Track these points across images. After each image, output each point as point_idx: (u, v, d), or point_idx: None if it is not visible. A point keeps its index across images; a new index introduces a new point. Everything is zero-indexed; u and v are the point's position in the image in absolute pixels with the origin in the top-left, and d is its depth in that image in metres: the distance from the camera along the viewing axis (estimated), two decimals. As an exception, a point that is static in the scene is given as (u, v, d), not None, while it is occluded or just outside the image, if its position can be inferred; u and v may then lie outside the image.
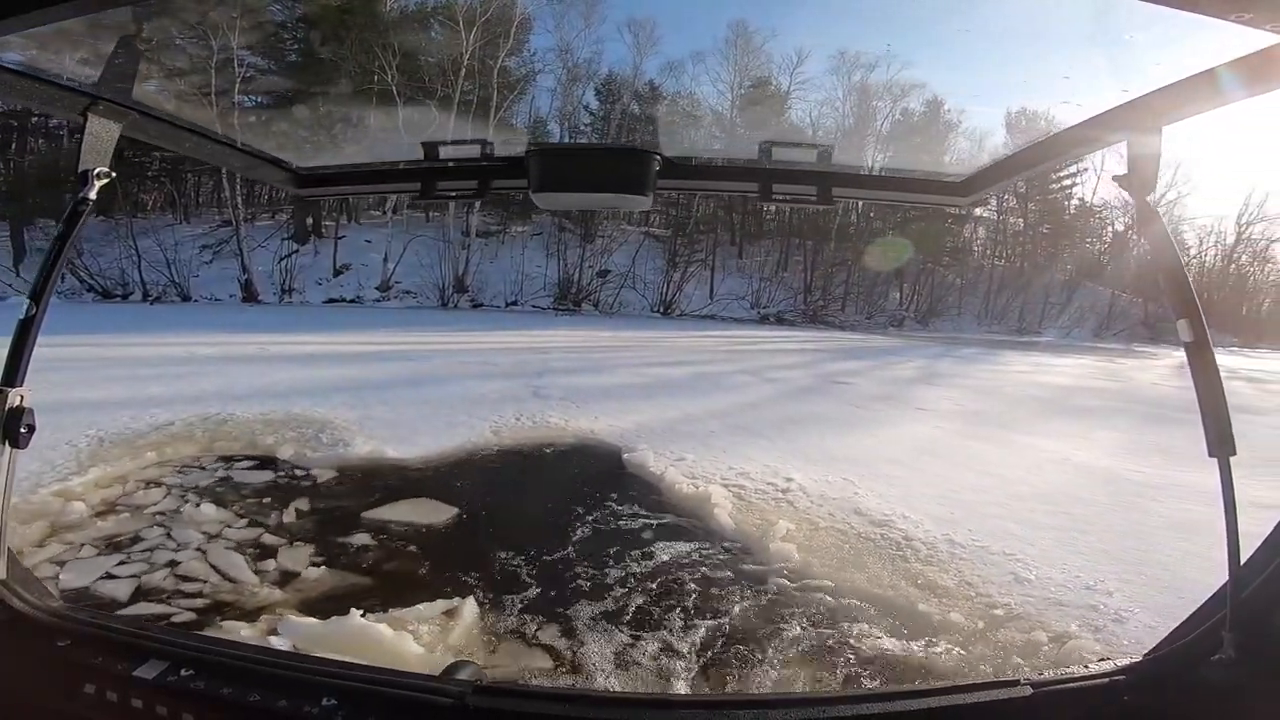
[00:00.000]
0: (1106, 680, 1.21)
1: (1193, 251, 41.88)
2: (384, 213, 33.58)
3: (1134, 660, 1.25)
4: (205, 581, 4.61)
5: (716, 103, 34.83)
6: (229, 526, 5.52)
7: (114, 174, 1.36)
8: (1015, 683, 1.19)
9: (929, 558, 5.22)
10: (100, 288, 26.39)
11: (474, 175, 1.66)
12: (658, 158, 1.52)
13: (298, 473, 6.87)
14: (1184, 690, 1.17)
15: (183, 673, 1.19)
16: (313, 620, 3.93)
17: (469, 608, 4.31)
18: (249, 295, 28.57)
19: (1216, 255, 41.91)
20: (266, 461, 7.11)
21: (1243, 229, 41.87)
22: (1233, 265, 42.43)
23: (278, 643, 3.60)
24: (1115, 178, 1.23)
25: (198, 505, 5.80)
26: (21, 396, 1.26)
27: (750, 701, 1.23)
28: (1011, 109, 34.87)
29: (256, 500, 6.13)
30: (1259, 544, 1.14)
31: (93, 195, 1.33)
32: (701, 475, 7.02)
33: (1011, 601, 4.60)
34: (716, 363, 16.85)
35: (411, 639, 3.87)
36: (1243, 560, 1.14)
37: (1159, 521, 6.40)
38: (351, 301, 30.23)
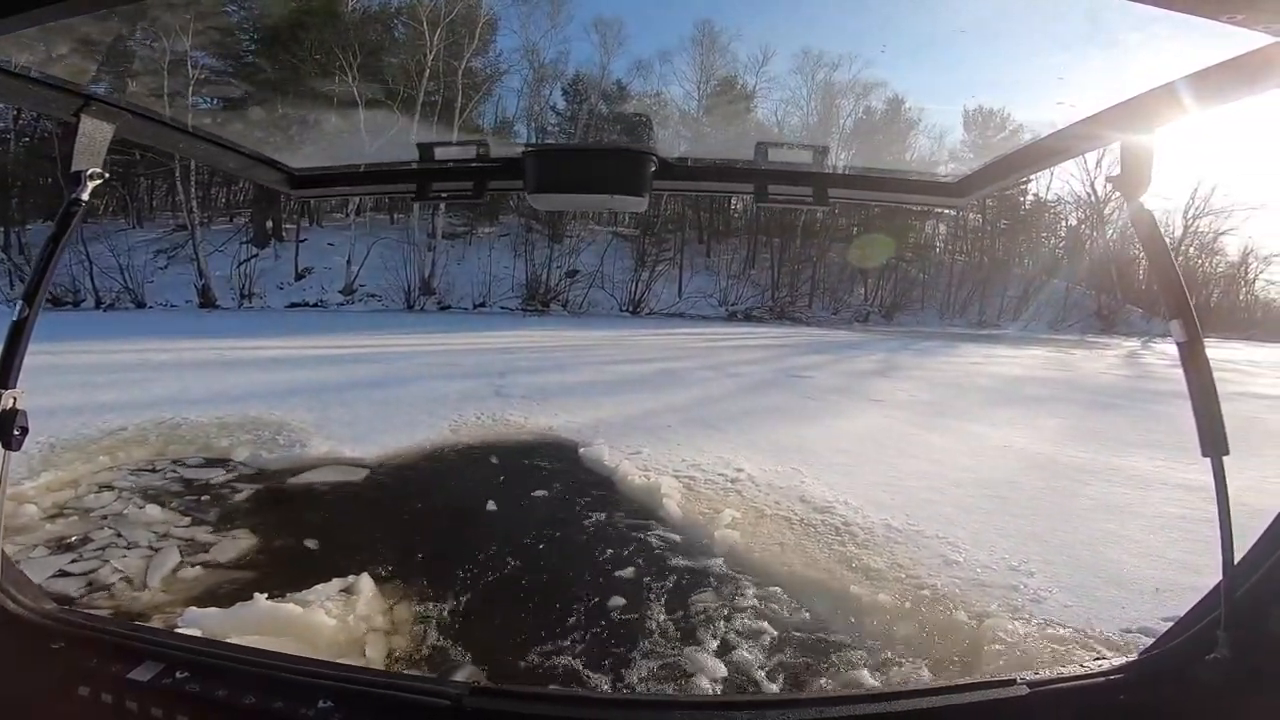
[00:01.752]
0: (1103, 679, 1.22)
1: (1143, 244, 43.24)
2: (346, 215, 33.07)
3: (1130, 659, 1.27)
4: (133, 580, 4.64)
5: (684, 102, 35.13)
6: (175, 525, 5.55)
7: (107, 174, 1.35)
8: (1012, 682, 1.20)
9: (865, 542, 5.46)
10: (50, 295, 25.61)
11: (470, 176, 1.65)
12: (654, 159, 1.52)
13: (250, 473, 6.90)
14: (1180, 688, 1.18)
15: (178, 675, 1.19)
16: (215, 610, 3.98)
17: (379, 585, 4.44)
18: (206, 301, 27.94)
19: (1167, 245, 43.34)
20: (220, 463, 7.11)
21: (1190, 222, 43.55)
22: (1180, 258, 43.99)
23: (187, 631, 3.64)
24: (1109, 178, 1.22)
25: (142, 507, 5.81)
26: (14, 399, 1.24)
27: (746, 703, 1.28)
28: (968, 107, 35.76)
29: (205, 500, 6.18)
30: (1253, 542, 1.15)
31: (85, 196, 1.31)
32: (654, 467, 7.21)
33: (938, 583, 4.83)
34: (680, 359, 17.06)
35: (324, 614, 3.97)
36: (1237, 559, 1.14)
37: (1088, 504, 6.71)
38: (314, 305, 29.75)
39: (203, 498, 6.22)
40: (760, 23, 35.02)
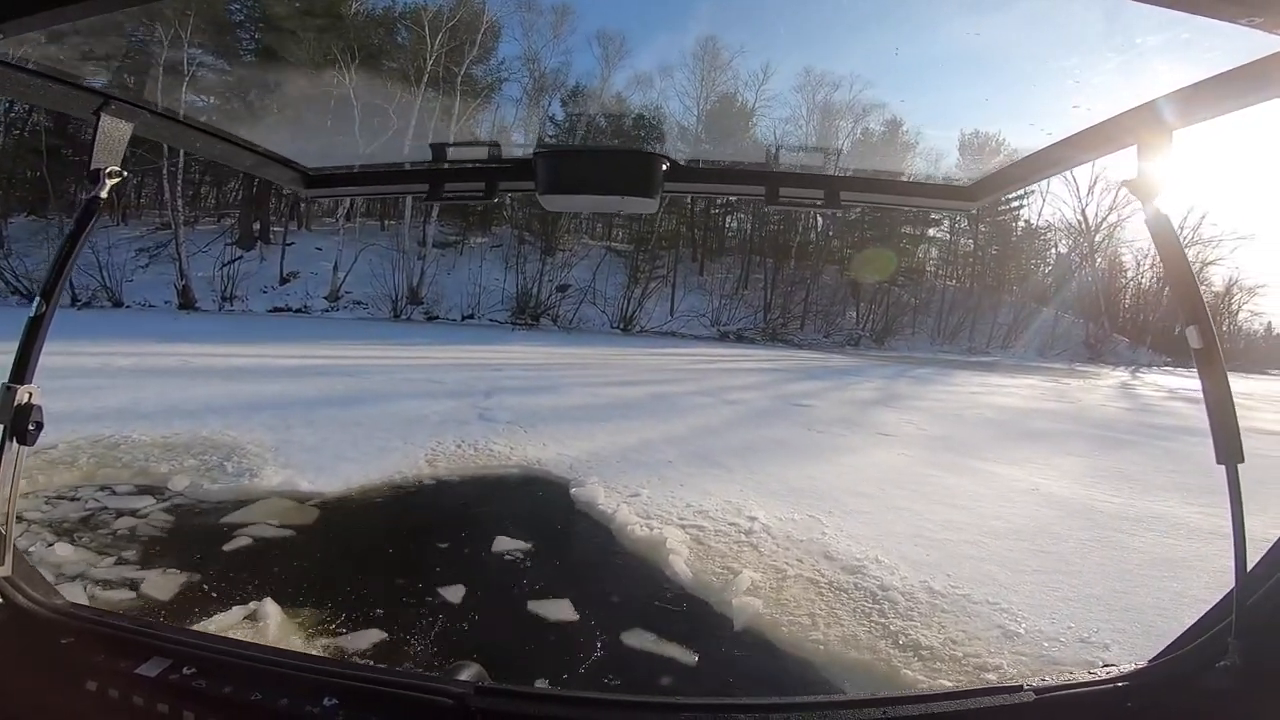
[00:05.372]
0: (1111, 686, 1.20)
1: (1129, 274, 43.78)
2: (336, 219, 32.37)
3: (1138, 666, 1.23)
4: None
5: (683, 117, 34.93)
6: (91, 566, 4.75)
7: (125, 173, 1.37)
8: (1019, 688, 1.17)
9: (908, 611, 4.66)
10: (25, 290, 24.56)
11: (481, 177, 1.65)
12: (665, 160, 1.52)
13: (186, 505, 6.04)
14: (1189, 697, 1.16)
15: (185, 671, 1.18)
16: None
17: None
18: (186, 302, 27.06)
19: (1153, 278, 43.79)
20: (153, 492, 6.23)
21: (1179, 254, 43.89)
22: (1167, 288, 44.11)
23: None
24: (1124, 182, 1.19)
25: (51, 544, 4.98)
26: (30, 394, 1.27)
27: (752, 706, 1.19)
28: (965, 130, 35.61)
29: (124, 538, 5.31)
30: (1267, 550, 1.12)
31: (104, 194, 1.34)
32: (657, 514, 6.32)
33: (1003, 662, 4.08)
34: (675, 383, 16.30)
35: None
36: (1249, 566, 1.12)
37: (1142, 559, 6.02)
38: (298, 311, 28.96)
39: (122, 535, 5.32)
40: (764, 41, 34.79)
